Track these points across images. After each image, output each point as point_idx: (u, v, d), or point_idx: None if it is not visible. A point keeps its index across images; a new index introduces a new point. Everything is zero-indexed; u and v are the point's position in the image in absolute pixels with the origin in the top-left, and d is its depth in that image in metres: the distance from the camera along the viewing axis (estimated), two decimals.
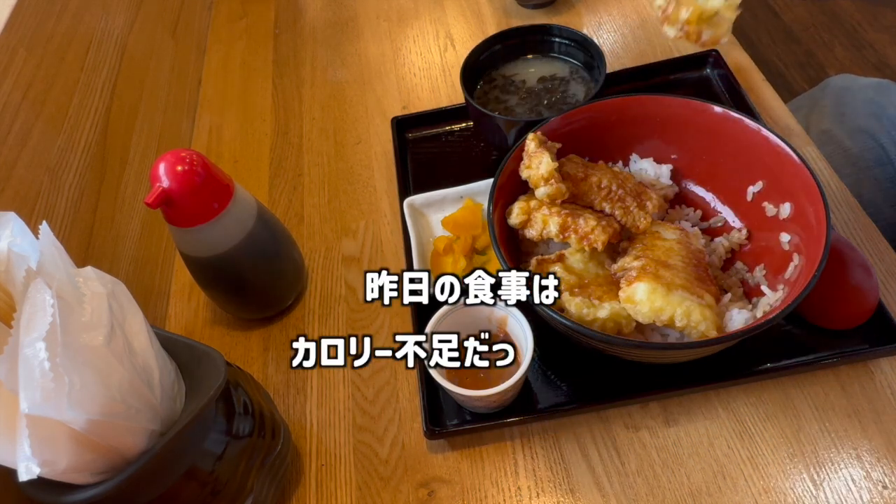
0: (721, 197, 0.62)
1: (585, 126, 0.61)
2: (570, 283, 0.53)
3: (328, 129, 0.85)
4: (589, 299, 0.51)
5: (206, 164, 0.54)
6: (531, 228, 0.56)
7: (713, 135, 0.59)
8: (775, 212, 0.56)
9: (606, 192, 0.57)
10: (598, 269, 0.55)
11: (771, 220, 0.56)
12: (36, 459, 0.34)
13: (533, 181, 0.56)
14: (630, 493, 0.52)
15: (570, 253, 0.55)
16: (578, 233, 0.54)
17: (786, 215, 0.55)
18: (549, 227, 0.54)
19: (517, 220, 0.56)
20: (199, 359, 0.46)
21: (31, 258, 0.38)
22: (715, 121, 0.58)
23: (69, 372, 0.35)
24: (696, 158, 0.62)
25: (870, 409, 0.53)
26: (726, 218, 0.61)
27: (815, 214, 0.51)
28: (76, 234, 0.61)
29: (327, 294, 0.69)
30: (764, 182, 0.57)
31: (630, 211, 0.56)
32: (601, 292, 0.52)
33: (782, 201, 0.55)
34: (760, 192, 0.58)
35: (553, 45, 0.73)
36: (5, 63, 0.58)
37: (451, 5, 0.97)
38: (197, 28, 1.01)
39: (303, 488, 0.57)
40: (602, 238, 0.53)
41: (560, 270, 0.53)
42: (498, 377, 0.52)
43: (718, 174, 0.61)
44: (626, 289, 0.49)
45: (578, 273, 0.54)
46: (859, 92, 0.82)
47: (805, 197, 0.52)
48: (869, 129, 0.76)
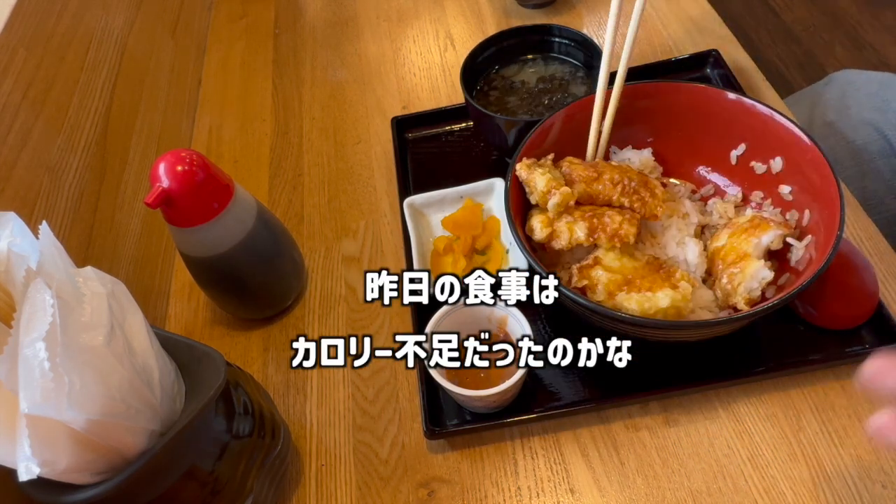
0: (709, 166, 0.63)
1: (566, 128, 0.61)
2: (617, 281, 0.53)
3: (328, 129, 0.85)
4: (643, 293, 0.51)
5: (206, 164, 0.54)
6: (558, 239, 0.55)
7: (687, 110, 0.60)
8: (765, 168, 0.58)
9: (621, 186, 0.57)
10: (633, 262, 0.55)
11: (763, 177, 0.58)
12: (36, 459, 0.34)
13: (540, 201, 0.56)
14: (630, 493, 0.52)
15: (603, 254, 0.55)
16: (607, 231, 0.54)
17: (778, 170, 0.56)
18: (577, 234, 0.54)
19: (542, 235, 0.55)
20: (199, 359, 0.46)
21: (31, 258, 0.38)
22: (685, 96, 0.60)
23: (69, 372, 0.35)
24: (672, 136, 0.62)
25: (870, 409, 0.52)
26: (717, 184, 0.62)
27: (816, 172, 0.52)
28: (76, 234, 0.61)
29: (327, 294, 0.69)
30: (746, 144, 0.59)
31: (646, 201, 0.57)
32: (648, 283, 0.52)
33: (771, 157, 0.57)
34: (744, 155, 0.59)
35: (553, 46, 0.73)
36: (5, 63, 0.58)
37: (451, 5, 0.97)
38: (197, 28, 1.01)
39: (303, 488, 0.57)
40: (632, 231, 0.54)
41: (603, 273, 0.53)
42: (498, 377, 0.52)
43: (700, 146, 0.62)
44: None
45: (619, 270, 0.54)
46: (864, 86, 0.82)
47: (797, 153, 0.54)
48: (873, 122, 0.76)
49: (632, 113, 0.61)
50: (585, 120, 0.60)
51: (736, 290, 0.51)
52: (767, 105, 0.56)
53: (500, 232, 0.67)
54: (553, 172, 0.57)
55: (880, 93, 0.79)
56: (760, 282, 0.51)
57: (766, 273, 0.51)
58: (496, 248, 0.66)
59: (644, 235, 0.58)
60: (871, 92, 0.80)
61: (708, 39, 0.82)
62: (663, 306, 0.50)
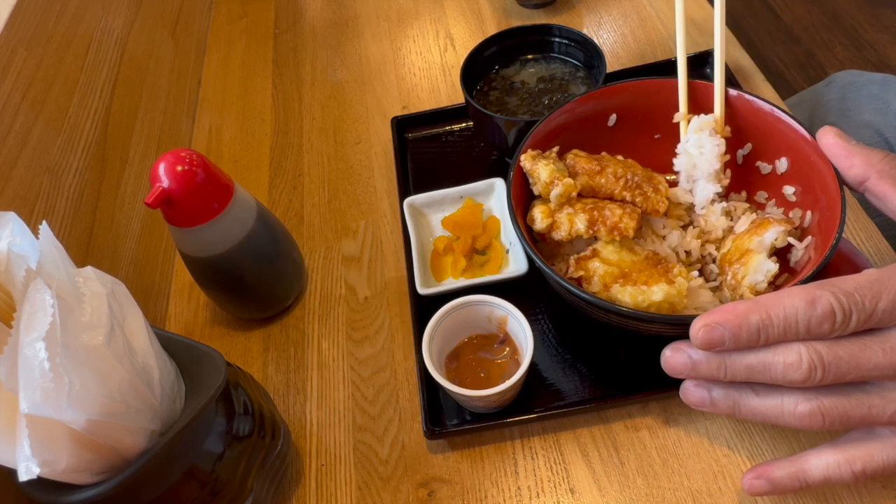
0: None
1: (570, 125, 0.61)
2: (614, 274, 0.53)
3: (328, 129, 0.85)
4: (638, 287, 0.51)
5: (206, 164, 0.54)
6: (558, 230, 0.56)
7: (694, 107, 0.60)
8: (770, 169, 0.58)
9: (624, 181, 0.57)
10: (632, 256, 0.55)
11: (768, 177, 0.58)
12: (36, 459, 0.34)
13: (543, 192, 0.56)
14: (630, 493, 0.52)
15: (602, 246, 0.55)
16: (607, 224, 0.54)
17: (783, 170, 0.56)
18: (576, 225, 0.55)
19: (543, 225, 0.56)
20: (199, 359, 0.46)
21: (30, 258, 0.38)
22: (692, 93, 0.59)
23: (69, 372, 0.35)
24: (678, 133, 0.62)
25: None
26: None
27: (819, 174, 0.52)
28: (76, 234, 0.61)
29: (327, 294, 0.69)
30: (752, 143, 0.59)
31: (648, 196, 0.57)
32: (645, 277, 0.52)
33: (776, 158, 0.57)
34: (750, 154, 0.59)
35: (553, 46, 0.73)
36: (5, 63, 0.58)
37: (451, 5, 0.97)
38: (197, 28, 1.01)
39: (303, 488, 0.57)
40: (632, 224, 0.54)
41: (600, 265, 0.53)
42: (498, 377, 0.52)
43: None
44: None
45: (617, 264, 0.54)
46: (864, 87, 0.82)
47: (803, 155, 0.54)
48: (874, 124, 0.76)
49: (641, 109, 0.61)
50: (592, 114, 0.60)
51: (740, 283, 0.51)
52: (774, 105, 0.56)
53: (501, 232, 0.67)
54: (557, 164, 0.57)
55: (881, 94, 0.79)
56: (766, 274, 0.50)
57: (771, 265, 0.50)
58: (496, 247, 0.66)
59: (645, 231, 0.59)
60: (871, 93, 0.80)
61: (708, 39, 0.81)
62: (657, 300, 0.50)
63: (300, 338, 0.66)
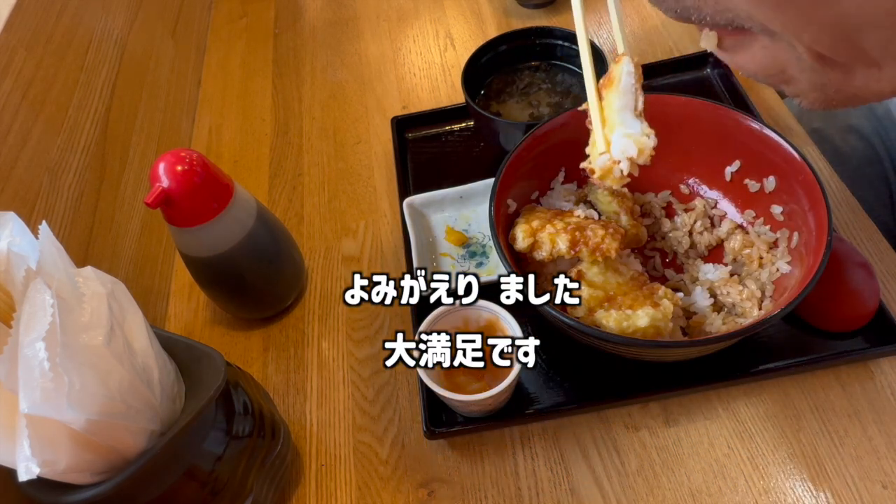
0: (703, 181, 0.63)
1: (557, 141, 0.61)
2: (598, 298, 0.52)
3: (328, 129, 0.85)
4: (623, 311, 0.51)
5: (205, 163, 0.54)
6: (539, 250, 0.55)
7: (682, 122, 0.59)
8: (758, 187, 0.58)
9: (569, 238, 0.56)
10: (617, 278, 0.54)
11: (756, 196, 0.58)
12: (36, 459, 0.34)
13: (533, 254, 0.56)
14: (630, 494, 0.52)
15: (587, 268, 0.55)
16: (589, 245, 0.53)
17: (771, 189, 0.56)
18: (558, 246, 0.54)
19: (525, 245, 0.55)
20: (199, 359, 0.46)
21: (30, 258, 0.38)
22: (681, 109, 0.59)
23: (69, 372, 0.35)
24: (669, 148, 0.62)
25: (870, 409, 0.53)
26: (713, 199, 0.63)
27: (805, 192, 0.52)
28: (76, 234, 0.61)
29: (327, 294, 0.69)
30: (741, 161, 0.59)
31: (597, 246, 0.55)
32: (630, 301, 0.51)
33: (764, 176, 0.57)
34: (738, 171, 0.59)
35: (554, 47, 0.73)
36: (5, 63, 0.58)
37: (451, 5, 0.97)
38: (197, 28, 1.01)
39: (303, 488, 0.57)
40: (614, 245, 0.53)
41: (584, 288, 0.52)
42: (492, 380, 0.52)
43: (693, 160, 0.62)
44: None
45: (602, 286, 0.53)
46: None
47: (790, 174, 0.54)
48: (860, 129, 0.76)
49: None
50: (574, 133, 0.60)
51: None
52: (763, 122, 0.56)
53: None
54: (528, 222, 0.57)
55: None
56: None
57: None
58: None
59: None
60: None
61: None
62: (642, 326, 0.49)
63: (300, 338, 0.66)
